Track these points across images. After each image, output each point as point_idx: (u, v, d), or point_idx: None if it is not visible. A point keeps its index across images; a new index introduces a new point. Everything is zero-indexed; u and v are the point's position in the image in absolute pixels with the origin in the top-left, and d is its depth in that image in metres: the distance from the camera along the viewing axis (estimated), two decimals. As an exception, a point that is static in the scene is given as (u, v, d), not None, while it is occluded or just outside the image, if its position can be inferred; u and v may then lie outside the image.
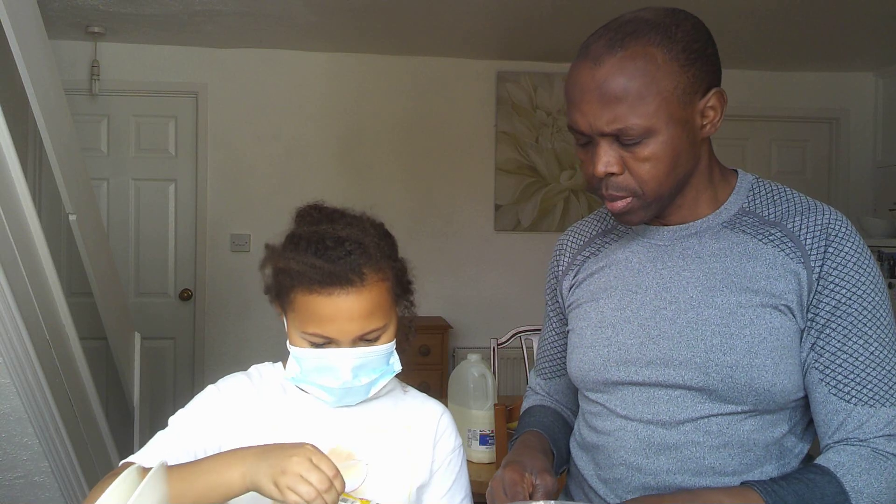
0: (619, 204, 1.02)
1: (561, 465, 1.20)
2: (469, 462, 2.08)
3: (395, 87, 4.21)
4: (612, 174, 1.00)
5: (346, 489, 1.04)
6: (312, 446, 0.89)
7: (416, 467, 1.10)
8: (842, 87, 4.46)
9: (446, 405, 1.37)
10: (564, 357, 1.25)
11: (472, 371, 2.18)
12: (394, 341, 1.06)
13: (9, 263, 1.80)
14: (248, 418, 1.06)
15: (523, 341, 3.14)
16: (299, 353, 1.03)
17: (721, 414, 1.01)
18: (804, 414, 1.05)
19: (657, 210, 1.04)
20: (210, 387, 1.10)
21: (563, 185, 4.33)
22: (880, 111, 4.45)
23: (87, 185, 2.64)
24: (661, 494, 0.96)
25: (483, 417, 2.12)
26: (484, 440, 2.11)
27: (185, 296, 4.13)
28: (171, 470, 0.89)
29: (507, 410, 1.95)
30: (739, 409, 1.00)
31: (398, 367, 1.07)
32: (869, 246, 1.03)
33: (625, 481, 1.07)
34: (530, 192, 4.31)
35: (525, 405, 1.34)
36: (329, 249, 1.00)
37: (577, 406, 1.23)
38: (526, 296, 4.19)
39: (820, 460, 0.97)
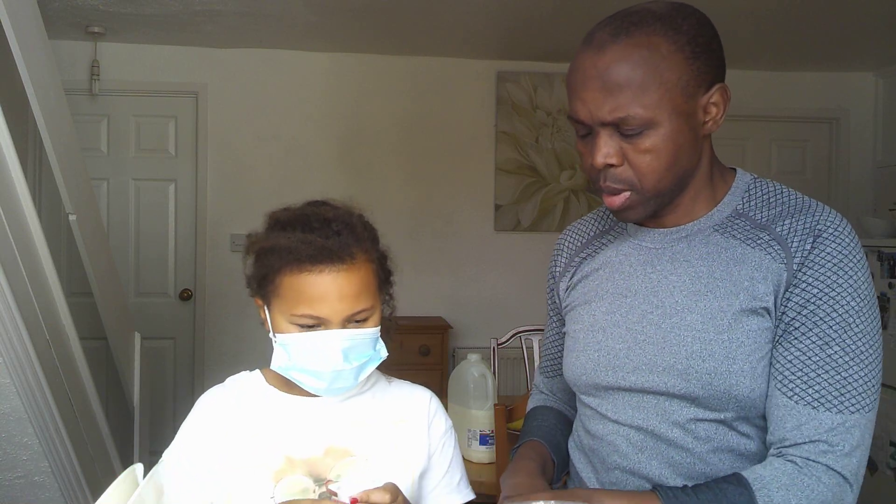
0: (618, 199, 1.00)
1: (563, 469, 1.20)
2: (469, 462, 2.08)
3: (395, 87, 4.21)
4: (611, 165, 0.98)
5: (348, 488, 1.04)
6: None
7: (414, 456, 1.10)
8: (842, 87, 4.46)
9: (446, 405, 1.36)
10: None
11: (472, 371, 2.18)
12: (379, 327, 1.05)
13: (9, 263, 1.80)
14: (227, 429, 1.06)
15: (523, 341, 3.14)
16: (287, 339, 1.01)
17: (707, 420, 0.99)
18: None
19: (656, 206, 1.02)
20: (188, 416, 1.09)
21: (563, 185, 4.33)
22: (880, 111, 4.45)
23: (87, 185, 2.64)
24: (560, 491, 0.93)
25: (483, 417, 2.12)
26: (484, 440, 2.11)
27: (185, 296, 4.13)
28: None
29: (507, 410, 1.95)
30: (722, 417, 0.99)
31: (384, 353, 1.06)
32: (869, 246, 1.01)
33: (621, 485, 1.06)
34: (530, 192, 4.31)
35: (529, 405, 1.35)
36: (316, 229, 1.00)
37: None
38: (526, 296, 4.19)
39: (744, 471, 0.94)
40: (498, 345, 3.05)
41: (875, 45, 3.93)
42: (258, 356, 1.15)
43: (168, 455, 1.07)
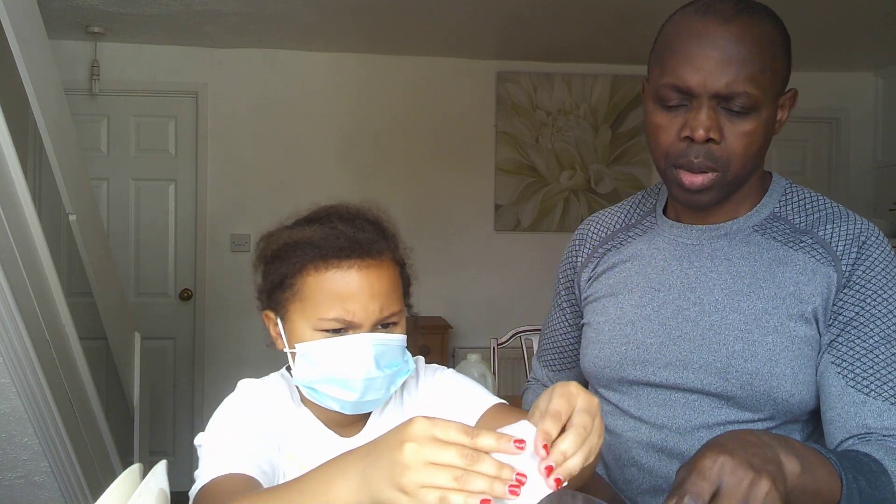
0: (701, 178, 0.97)
1: None
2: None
3: (395, 87, 4.21)
4: (712, 140, 0.96)
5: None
6: (422, 420, 0.63)
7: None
8: (842, 87, 4.46)
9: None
10: (576, 349, 1.23)
11: (472, 371, 2.18)
12: (406, 336, 0.96)
13: (9, 263, 1.80)
14: (268, 433, 0.93)
15: (523, 341, 3.13)
16: (310, 348, 0.90)
17: (736, 421, 0.99)
18: (818, 425, 1.03)
19: (727, 194, 1.01)
20: (233, 405, 0.94)
21: (563, 185, 4.33)
22: (880, 111, 4.45)
23: (87, 185, 2.63)
24: (751, 432, 0.84)
25: (483, 417, 2.11)
26: (484, 440, 2.10)
27: (185, 296, 4.13)
28: (261, 494, 0.77)
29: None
30: (755, 418, 0.98)
31: (412, 365, 0.97)
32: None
33: (635, 482, 1.05)
34: (530, 192, 4.31)
35: (530, 399, 1.30)
36: (342, 223, 0.94)
37: None
38: (526, 296, 4.19)
39: (871, 455, 0.90)
40: (498, 345, 3.04)
41: (875, 45, 3.92)
42: (258, 356, 1.12)
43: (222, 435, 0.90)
